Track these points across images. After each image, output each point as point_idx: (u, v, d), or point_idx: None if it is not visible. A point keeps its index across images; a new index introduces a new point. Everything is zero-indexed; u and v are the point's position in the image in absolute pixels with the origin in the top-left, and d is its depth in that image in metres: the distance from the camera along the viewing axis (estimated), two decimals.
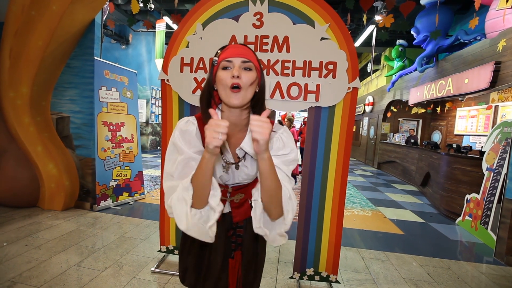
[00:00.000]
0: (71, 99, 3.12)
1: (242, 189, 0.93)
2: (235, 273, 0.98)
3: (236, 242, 0.98)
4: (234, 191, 0.92)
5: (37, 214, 2.98)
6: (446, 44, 5.86)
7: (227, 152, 0.85)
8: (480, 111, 6.31)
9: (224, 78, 0.76)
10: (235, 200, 0.93)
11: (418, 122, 9.14)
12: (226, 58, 0.77)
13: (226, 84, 0.75)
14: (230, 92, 0.75)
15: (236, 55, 0.77)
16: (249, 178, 0.89)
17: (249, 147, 0.82)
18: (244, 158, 0.86)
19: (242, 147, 0.83)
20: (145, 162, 7.08)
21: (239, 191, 0.93)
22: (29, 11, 2.61)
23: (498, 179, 3.04)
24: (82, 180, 3.22)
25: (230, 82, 0.75)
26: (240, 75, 0.75)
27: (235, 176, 0.87)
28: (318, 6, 1.78)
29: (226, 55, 0.78)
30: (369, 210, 4.05)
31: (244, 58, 0.77)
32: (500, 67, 4.29)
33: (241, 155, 0.85)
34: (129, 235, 2.62)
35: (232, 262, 0.98)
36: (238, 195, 0.93)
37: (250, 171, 0.87)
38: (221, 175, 0.86)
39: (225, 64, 0.77)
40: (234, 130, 0.85)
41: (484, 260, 2.66)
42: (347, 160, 1.87)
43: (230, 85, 0.75)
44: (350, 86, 1.79)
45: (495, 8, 4.59)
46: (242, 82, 0.75)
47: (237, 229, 0.98)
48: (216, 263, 0.96)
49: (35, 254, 2.15)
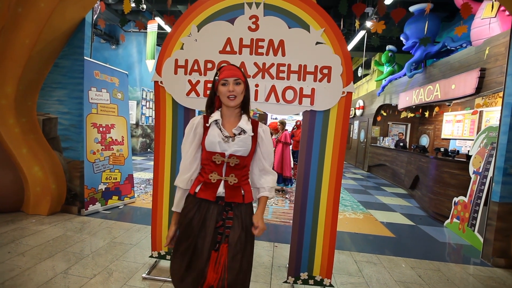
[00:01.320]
0: (59, 99, 3.03)
1: (237, 170, 1.16)
2: (218, 267, 1.09)
3: (223, 234, 1.13)
4: (229, 168, 1.15)
5: (21, 219, 2.86)
6: (434, 51, 6.04)
7: (224, 131, 1.17)
8: (465, 116, 6.52)
9: (224, 91, 1.15)
10: (229, 182, 1.15)
11: (407, 126, 9.36)
12: (224, 78, 1.14)
13: (225, 95, 1.14)
14: (228, 99, 1.14)
15: (230, 76, 1.14)
16: (243, 146, 1.15)
17: (244, 126, 1.17)
18: (240, 134, 1.17)
19: (239, 125, 1.17)
20: (135, 165, 6.94)
21: (234, 171, 1.15)
22: (15, 8, 2.52)
23: (484, 182, 3.13)
24: (70, 183, 3.12)
25: (227, 94, 1.14)
26: (234, 89, 1.13)
27: (231, 145, 1.14)
28: (313, 11, 1.80)
29: (223, 76, 1.15)
30: (360, 213, 4.09)
31: (235, 77, 1.15)
32: (485, 73, 4.45)
33: (237, 132, 1.17)
34: (119, 240, 2.55)
35: (214, 254, 1.11)
36: (231, 177, 1.15)
37: (245, 141, 1.16)
38: (219, 141, 1.14)
39: (224, 82, 1.15)
40: (229, 118, 1.21)
41: (472, 261, 2.72)
42: (341, 163, 1.88)
43: (227, 96, 1.14)
44: (345, 90, 1.81)
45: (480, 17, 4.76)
46: (235, 93, 1.14)
47: (226, 220, 1.14)
48: (203, 253, 1.11)
49: (19, 262, 2.05)
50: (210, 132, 1.16)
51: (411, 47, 6.41)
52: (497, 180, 2.63)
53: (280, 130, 5.03)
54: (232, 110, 1.20)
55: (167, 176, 2.04)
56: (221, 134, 1.15)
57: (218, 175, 1.15)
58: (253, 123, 1.21)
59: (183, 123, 1.99)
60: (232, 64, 1.24)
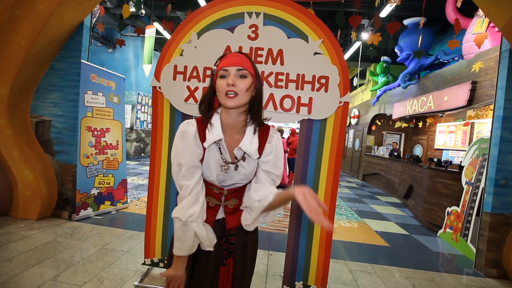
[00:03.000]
0: (54, 102, 2.99)
1: (237, 193, 0.96)
2: (226, 281, 0.99)
3: (228, 250, 0.99)
4: (229, 194, 0.95)
5: (9, 223, 2.77)
6: (427, 63, 6.19)
7: (226, 153, 0.90)
8: (458, 127, 6.65)
9: (221, 86, 0.83)
10: (229, 206, 0.96)
11: (400, 136, 9.49)
12: (223, 67, 0.83)
13: (222, 91, 0.83)
14: (226, 97, 0.82)
15: (231, 64, 0.83)
16: (245, 178, 0.93)
17: (247, 147, 0.88)
18: (243, 159, 0.90)
19: (240, 147, 0.89)
20: (129, 169, 6.86)
21: (234, 196, 0.96)
22: (13, 10, 2.51)
23: (476, 192, 3.18)
24: (61, 187, 3.05)
25: (225, 90, 0.82)
26: (235, 83, 0.81)
27: (232, 177, 0.91)
28: (312, 22, 1.83)
29: (223, 64, 0.84)
30: (355, 221, 4.10)
31: (239, 66, 0.83)
32: (476, 86, 4.57)
33: (239, 155, 0.91)
34: (110, 247, 2.49)
35: (223, 269, 0.98)
36: (232, 200, 0.96)
37: (248, 171, 0.92)
38: (218, 174, 0.90)
39: (222, 73, 0.84)
40: (231, 132, 0.91)
41: (465, 272, 2.74)
42: (338, 172, 1.89)
43: (225, 92, 0.82)
44: (342, 100, 1.83)
45: (471, 32, 4.92)
46: (237, 89, 0.82)
47: (229, 237, 0.99)
48: (208, 270, 0.96)
49: (6, 268, 1.99)
50: (207, 155, 0.89)
51: (405, 59, 6.57)
52: (488, 191, 2.67)
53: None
54: (234, 116, 0.88)
55: (162, 182, 2.02)
56: (220, 160, 0.89)
57: (217, 200, 0.95)
58: (261, 136, 0.92)
59: None
60: (240, 52, 0.91)
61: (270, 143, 0.93)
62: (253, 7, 1.86)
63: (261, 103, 0.91)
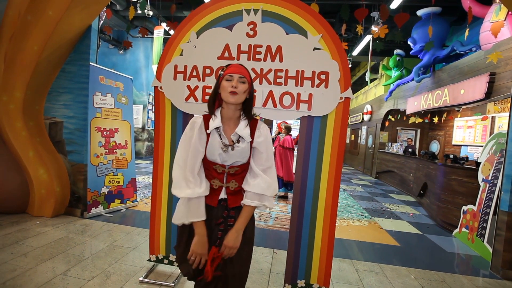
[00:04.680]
0: (65, 104, 3.11)
1: (237, 175, 1.16)
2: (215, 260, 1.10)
3: (224, 230, 1.14)
4: (230, 175, 1.16)
5: (26, 220, 2.92)
6: (443, 55, 5.92)
7: (224, 138, 1.14)
8: (477, 122, 6.34)
9: (227, 86, 1.11)
10: (231, 188, 1.16)
11: (416, 132, 9.16)
12: (229, 73, 1.12)
13: (227, 90, 1.11)
14: (229, 94, 1.10)
15: (236, 72, 1.12)
16: (242, 157, 1.15)
17: (242, 131, 1.14)
18: (238, 142, 1.15)
19: (237, 132, 1.15)
20: (140, 169, 7.03)
21: (234, 178, 1.16)
22: (25, 16, 2.62)
23: (494, 190, 3.02)
24: (73, 186, 3.18)
25: (229, 90, 1.10)
26: (237, 86, 1.11)
27: (231, 156, 1.14)
28: (311, 17, 1.79)
29: (229, 71, 1.13)
30: (365, 220, 4.01)
31: (241, 75, 1.12)
32: (495, 78, 4.32)
33: (235, 139, 1.15)
34: (118, 244, 2.57)
35: (214, 249, 1.10)
36: (232, 183, 1.16)
37: (243, 151, 1.15)
38: (220, 153, 1.13)
39: (228, 78, 1.12)
40: (229, 122, 1.18)
41: (481, 273, 2.61)
42: (339, 169, 1.85)
43: (229, 91, 1.10)
44: (342, 96, 1.79)
45: (489, 21, 4.65)
46: (238, 90, 1.11)
47: (228, 219, 1.15)
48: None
49: (21, 262, 2.09)
50: (211, 140, 1.13)
51: (419, 51, 6.31)
52: (505, 189, 2.52)
53: (284, 134, 5.00)
54: (232, 111, 1.15)
55: (166, 180, 2.05)
56: (220, 143, 1.13)
57: (220, 182, 1.15)
58: (251, 126, 1.17)
59: (182, 128, 2.01)
60: (241, 64, 1.19)
61: (259, 130, 1.19)
62: (251, 4, 1.85)
63: (252, 102, 1.20)
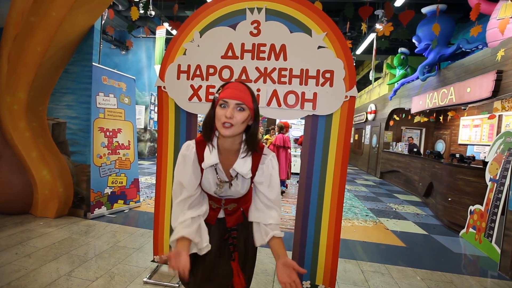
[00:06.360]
0: (68, 104, 3.11)
1: (235, 200, 1.09)
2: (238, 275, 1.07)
3: (233, 244, 1.10)
4: (227, 200, 1.08)
5: (30, 221, 2.93)
6: (448, 53, 5.84)
7: (221, 172, 1.00)
8: (484, 120, 6.25)
9: (220, 115, 0.89)
10: (229, 208, 1.09)
11: (421, 131, 9.06)
12: (224, 98, 0.90)
13: (220, 120, 0.90)
14: (222, 126, 0.90)
15: (232, 97, 0.89)
16: (239, 194, 1.05)
17: (240, 168, 0.97)
18: (236, 177, 1.01)
19: (234, 168, 0.97)
20: (143, 169, 7.04)
21: (233, 201, 1.09)
22: (28, 17, 2.62)
23: (502, 190, 2.96)
24: (77, 187, 3.18)
25: (223, 120, 0.89)
26: (233, 115, 0.88)
27: (227, 191, 1.03)
28: (315, 15, 1.76)
29: (224, 95, 0.90)
30: (370, 221, 3.96)
31: (238, 101, 0.89)
32: (502, 76, 4.25)
33: (233, 174, 1.00)
34: (122, 244, 2.56)
35: (234, 264, 1.07)
36: (231, 204, 1.09)
37: (241, 189, 1.02)
38: (215, 190, 1.02)
39: (222, 103, 0.90)
40: (227, 154, 1.00)
41: (489, 274, 2.56)
42: (345, 169, 1.81)
43: (222, 122, 0.89)
44: (348, 94, 1.75)
45: (496, 17, 4.57)
46: (234, 121, 0.88)
47: (232, 231, 1.10)
48: (215, 266, 1.06)
49: (25, 263, 2.09)
50: (205, 175, 1.00)
51: (424, 50, 6.22)
52: None
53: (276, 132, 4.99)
54: (229, 143, 0.98)
55: (169, 180, 2.04)
56: (216, 179, 1.00)
57: (217, 204, 1.08)
58: (254, 160, 0.99)
59: (185, 127, 2.00)
60: (242, 82, 0.96)
61: (263, 164, 1.01)
62: (254, 3, 1.82)
63: (258, 130, 0.98)
